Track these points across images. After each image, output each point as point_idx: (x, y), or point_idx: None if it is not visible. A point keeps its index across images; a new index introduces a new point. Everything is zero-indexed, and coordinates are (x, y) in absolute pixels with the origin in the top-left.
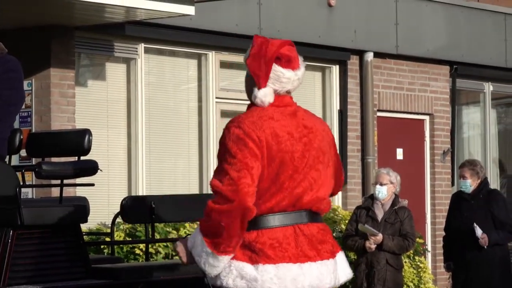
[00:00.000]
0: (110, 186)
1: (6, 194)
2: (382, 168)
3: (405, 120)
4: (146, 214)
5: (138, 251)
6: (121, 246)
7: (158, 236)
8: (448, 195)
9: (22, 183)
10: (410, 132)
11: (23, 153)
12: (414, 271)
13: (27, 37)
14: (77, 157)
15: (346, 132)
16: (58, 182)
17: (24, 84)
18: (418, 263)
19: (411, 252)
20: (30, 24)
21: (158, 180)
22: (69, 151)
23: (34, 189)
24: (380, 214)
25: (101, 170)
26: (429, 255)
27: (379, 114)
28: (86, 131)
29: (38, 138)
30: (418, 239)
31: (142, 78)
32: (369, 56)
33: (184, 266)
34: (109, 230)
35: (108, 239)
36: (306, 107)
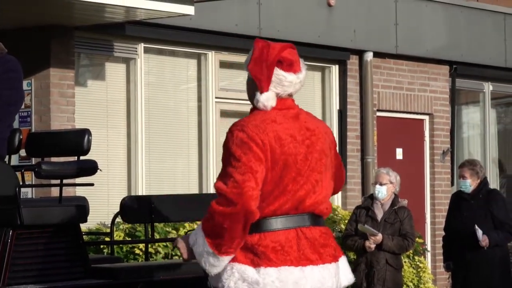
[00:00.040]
0: (110, 186)
1: (6, 194)
2: (382, 168)
3: (404, 120)
4: (145, 214)
5: (137, 251)
6: (120, 246)
7: (157, 236)
8: (447, 195)
9: (21, 183)
10: (409, 132)
11: (23, 153)
12: (414, 271)
13: (27, 37)
14: (76, 157)
15: (345, 132)
16: (58, 182)
17: (23, 84)
18: (418, 263)
19: (411, 252)
20: (30, 24)
21: (158, 180)
22: (68, 151)
23: (33, 189)
24: (379, 214)
25: (100, 170)
26: (428, 255)
27: (379, 114)
28: (86, 131)
29: (37, 138)
30: (417, 239)
31: (141, 78)
32: (368, 56)
33: (184, 263)
34: (108, 230)
35: (107, 239)
36: (306, 107)
